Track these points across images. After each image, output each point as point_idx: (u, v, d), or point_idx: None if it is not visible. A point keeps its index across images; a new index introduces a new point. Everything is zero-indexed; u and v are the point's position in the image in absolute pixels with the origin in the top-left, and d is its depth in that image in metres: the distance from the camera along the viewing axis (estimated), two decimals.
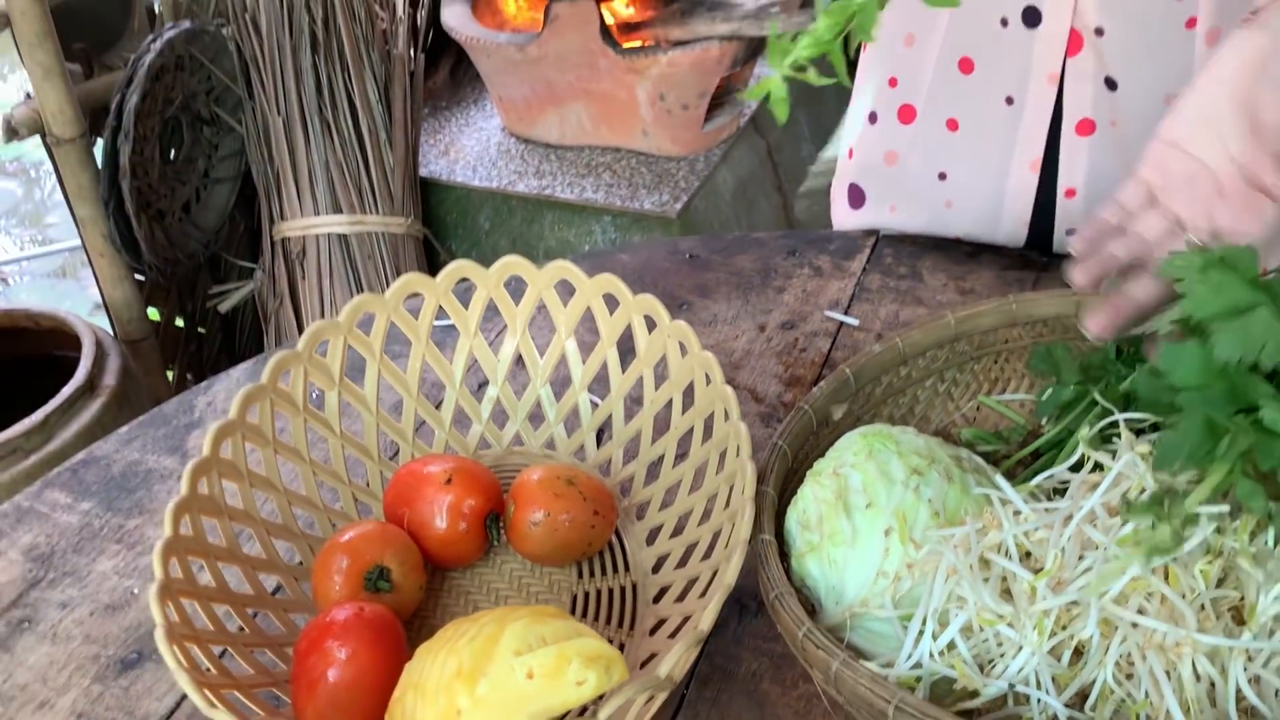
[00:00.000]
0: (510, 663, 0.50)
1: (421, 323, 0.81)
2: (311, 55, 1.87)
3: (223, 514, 0.67)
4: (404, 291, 0.79)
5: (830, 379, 0.71)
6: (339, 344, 0.77)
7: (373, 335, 0.79)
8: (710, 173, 2.10)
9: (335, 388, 0.78)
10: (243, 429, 0.70)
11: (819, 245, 1.06)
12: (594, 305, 0.80)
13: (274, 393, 0.73)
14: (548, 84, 2.06)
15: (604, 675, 0.51)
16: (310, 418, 0.76)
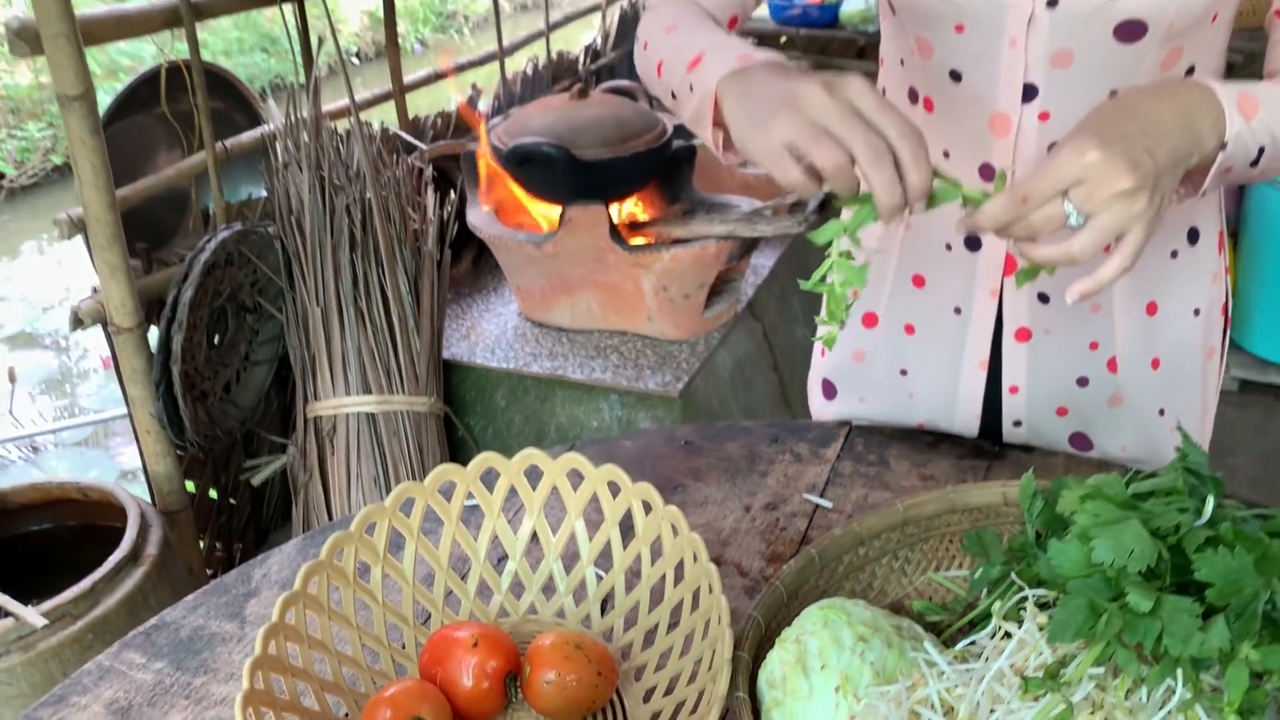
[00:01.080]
0: None
1: (453, 505, 0.95)
2: (349, 252, 2.07)
3: (286, 671, 0.80)
4: (439, 479, 0.93)
5: (799, 558, 0.84)
6: (384, 525, 0.91)
7: (412, 517, 0.93)
8: (710, 355, 2.28)
9: (379, 563, 0.91)
10: (304, 599, 0.84)
11: (799, 434, 1.21)
12: (599, 490, 0.94)
13: (330, 568, 0.87)
14: (561, 276, 2.26)
15: None
16: (359, 589, 0.89)
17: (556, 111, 2.22)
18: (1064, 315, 1.06)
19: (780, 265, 2.66)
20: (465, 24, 10.01)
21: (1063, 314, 1.06)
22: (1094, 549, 0.65)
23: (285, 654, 0.81)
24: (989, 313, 1.08)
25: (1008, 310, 1.07)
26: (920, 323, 1.13)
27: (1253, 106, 0.81)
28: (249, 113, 2.38)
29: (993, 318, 1.08)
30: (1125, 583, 0.64)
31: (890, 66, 1.06)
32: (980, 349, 1.10)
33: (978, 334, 1.10)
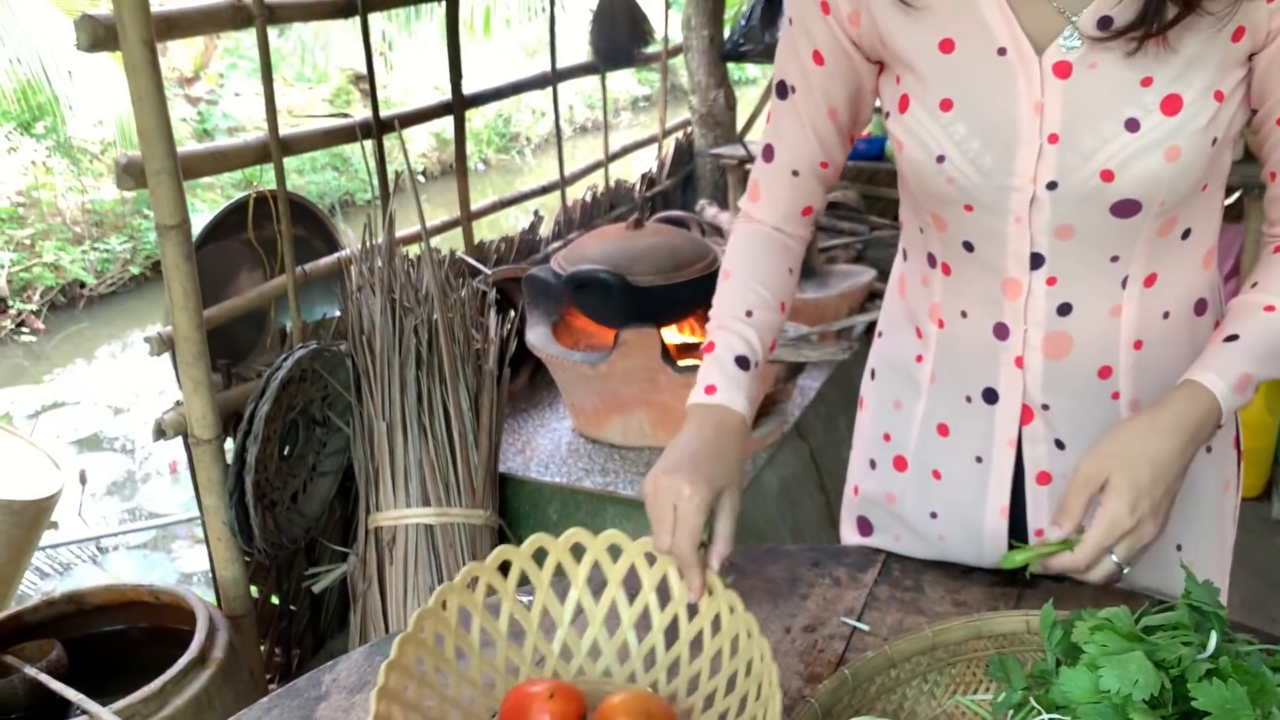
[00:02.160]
0: None
1: (544, 573, 1.07)
2: (415, 370, 2.19)
3: (402, 704, 0.92)
4: (533, 546, 1.05)
5: (833, 678, 0.90)
6: (482, 584, 1.03)
7: (509, 580, 1.05)
8: (757, 475, 2.34)
9: (477, 613, 1.03)
10: (417, 641, 0.96)
11: (838, 558, 1.27)
12: (669, 571, 1.05)
13: (438, 616, 0.98)
14: (614, 394, 2.35)
15: None
16: (459, 638, 1.02)
17: (614, 240, 2.35)
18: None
19: (827, 387, 2.73)
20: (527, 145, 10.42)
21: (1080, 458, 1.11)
22: (1101, 677, 0.70)
23: (400, 689, 0.93)
24: (1008, 462, 1.14)
25: (1028, 457, 1.13)
26: (946, 469, 1.19)
27: (1245, 380, 0.97)
28: (327, 238, 2.54)
29: (1011, 467, 1.14)
30: (1131, 710, 0.69)
31: (910, 232, 1.16)
32: (1000, 496, 1.16)
33: (998, 482, 1.15)
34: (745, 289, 1.14)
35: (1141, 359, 1.06)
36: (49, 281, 6.80)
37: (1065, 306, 1.04)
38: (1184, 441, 0.95)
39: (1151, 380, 1.06)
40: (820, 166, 1.15)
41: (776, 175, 1.16)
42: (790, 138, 1.13)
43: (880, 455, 1.23)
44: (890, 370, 1.23)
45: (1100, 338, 1.05)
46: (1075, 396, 1.08)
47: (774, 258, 1.16)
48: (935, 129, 0.99)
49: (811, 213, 1.18)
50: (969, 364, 1.12)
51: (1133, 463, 0.94)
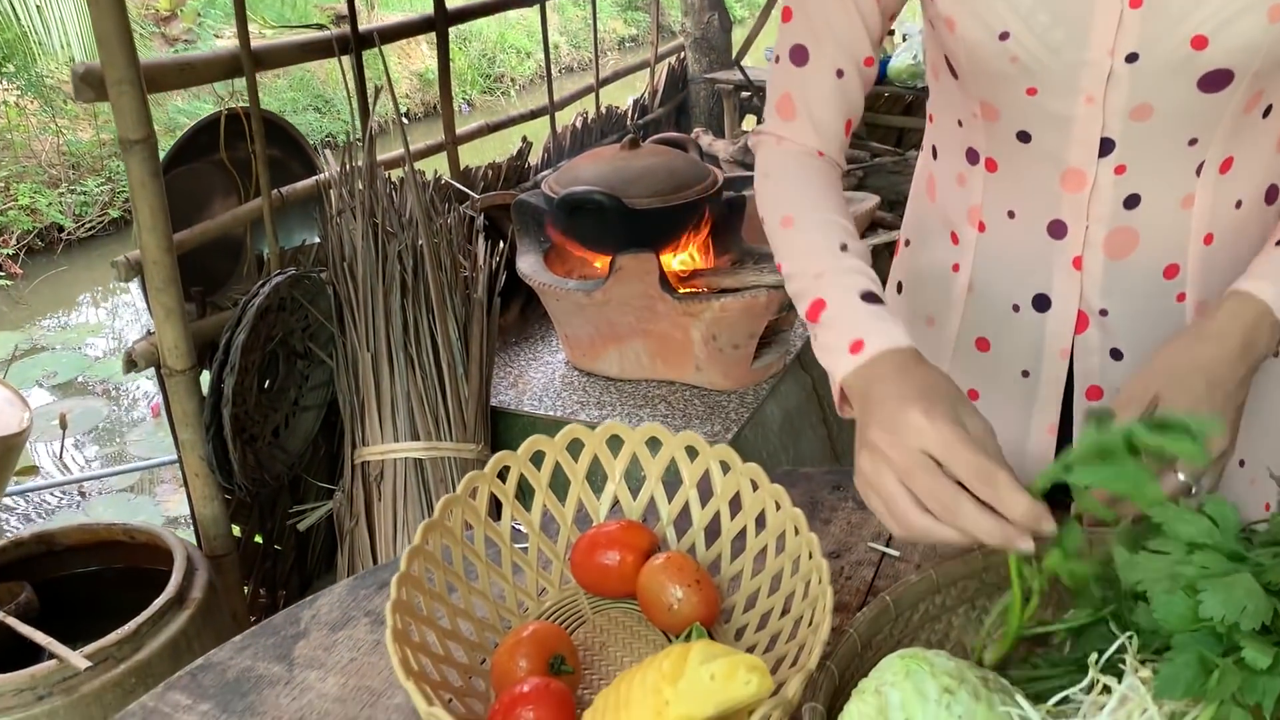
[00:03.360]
0: (698, 669, 0.67)
1: (580, 465, 1.01)
2: (400, 299, 2.07)
3: (415, 616, 0.84)
4: (568, 438, 0.98)
5: (872, 605, 0.80)
6: (514, 473, 0.97)
7: (542, 471, 0.98)
8: (759, 405, 2.24)
9: (508, 505, 0.97)
10: (442, 529, 0.90)
11: None
12: (711, 467, 0.97)
13: (466, 504, 0.93)
14: (610, 324, 2.24)
15: (764, 679, 0.68)
16: (488, 529, 0.96)
17: (608, 162, 2.23)
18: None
19: None
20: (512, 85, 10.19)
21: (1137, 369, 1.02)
22: (1203, 603, 0.61)
23: (424, 578, 0.87)
24: (1059, 374, 1.04)
25: (1079, 369, 1.03)
26: (986, 387, 1.09)
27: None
28: (305, 161, 2.41)
29: (1063, 379, 1.04)
30: (1239, 638, 0.60)
31: (944, 126, 1.04)
32: (1050, 412, 1.06)
33: (1048, 396, 1.05)
34: (823, 226, 0.92)
35: (1211, 255, 0.95)
36: (25, 225, 6.62)
37: (1133, 198, 0.93)
38: (1236, 349, 0.85)
39: (1219, 279, 0.95)
40: (865, 64, 0.98)
41: (816, 79, 0.97)
42: (829, 26, 0.95)
43: None
44: (920, 283, 1.12)
45: (1169, 232, 0.94)
46: (1137, 299, 0.98)
47: (829, 184, 0.97)
48: (997, 2, 0.87)
49: (851, 128, 1.02)
50: (1016, 269, 1.01)
51: (1183, 374, 0.84)
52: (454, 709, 0.83)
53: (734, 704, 0.66)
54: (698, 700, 0.65)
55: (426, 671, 0.82)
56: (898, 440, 0.76)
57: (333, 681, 0.93)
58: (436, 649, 0.86)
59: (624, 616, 0.97)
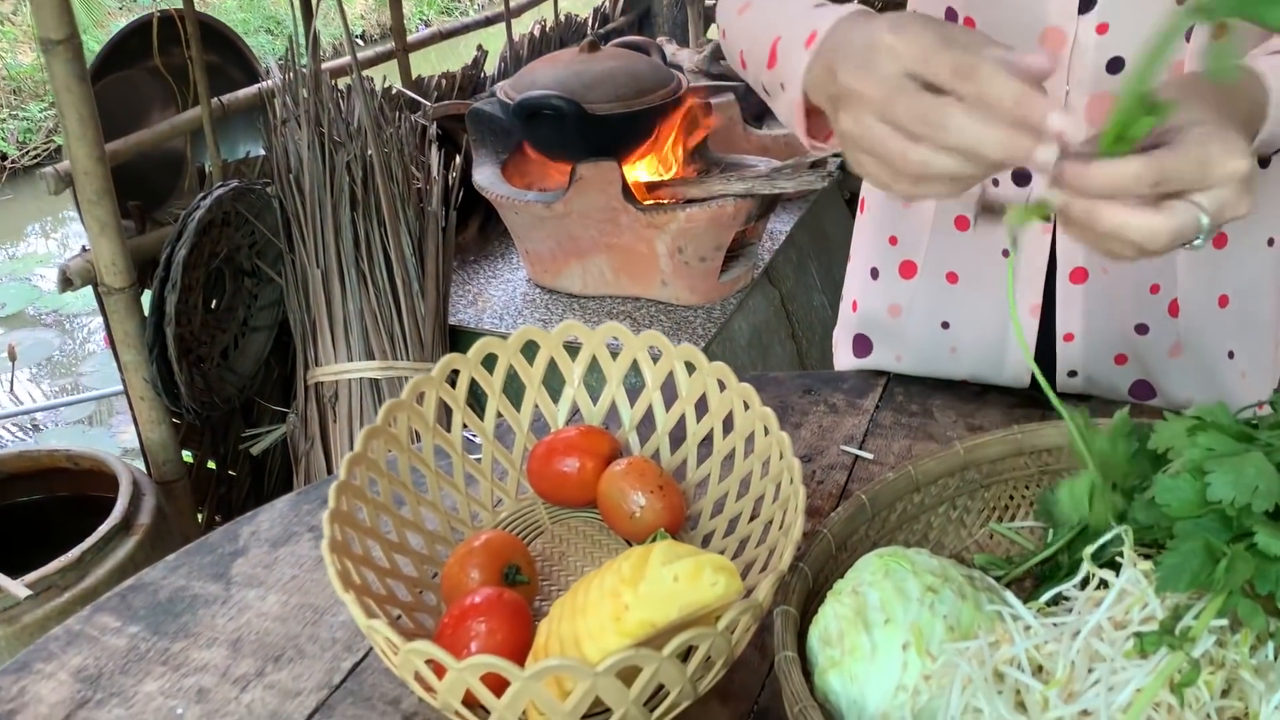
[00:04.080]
0: (661, 571, 0.62)
1: (535, 370, 0.94)
2: (350, 212, 1.98)
3: (358, 527, 0.78)
4: (522, 340, 0.91)
5: (848, 505, 0.74)
6: (465, 374, 0.90)
7: (495, 376, 0.92)
8: (726, 320, 2.18)
9: (458, 411, 0.88)
10: (385, 435, 0.82)
11: (833, 384, 1.11)
12: (676, 367, 0.92)
13: (411, 409, 0.85)
14: (572, 238, 2.16)
15: (732, 579, 0.62)
16: (438, 436, 0.89)
17: (566, 65, 2.12)
18: None
19: (798, 230, 2.56)
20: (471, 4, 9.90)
21: None
22: (1210, 485, 0.55)
23: (367, 487, 0.80)
24: (1041, 252, 0.98)
25: (1062, 249, 0.98)
26: (964, 268, 1.03)
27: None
28: (246, 69, 2.29)
29: (1045, 258, 0.99)
30: (1250, 522, 0.54)
31: None
32: (1032, 293, 1.01)
33: (1029, 276, 1.00)
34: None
35: None
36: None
37: (1116, 62, 0.86)
38: (1245, 109, 0.70)
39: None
40: None
41: None
42: None
43: (884, 262, 1.07)
44: None
45: None
46: None
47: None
48: None
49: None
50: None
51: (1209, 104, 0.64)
52: (402, 625, 0.77)
53: (700, 607, 0.60)
54: (660, 604, 0.59)
55: (370, 586, 0.76)
56: (870, 73, 0.61)
57: (273, 600, 0.87)
58: (382, 563, 0.80)
59: (585, 525, 0.91)
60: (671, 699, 0.64)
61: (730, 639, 0.64)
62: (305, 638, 0.83)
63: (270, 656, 0.81)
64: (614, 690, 0.60)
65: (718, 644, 0.63)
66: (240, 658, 0.81)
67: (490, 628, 0.70)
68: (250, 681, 0.79)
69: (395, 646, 0.63)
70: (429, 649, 0.60)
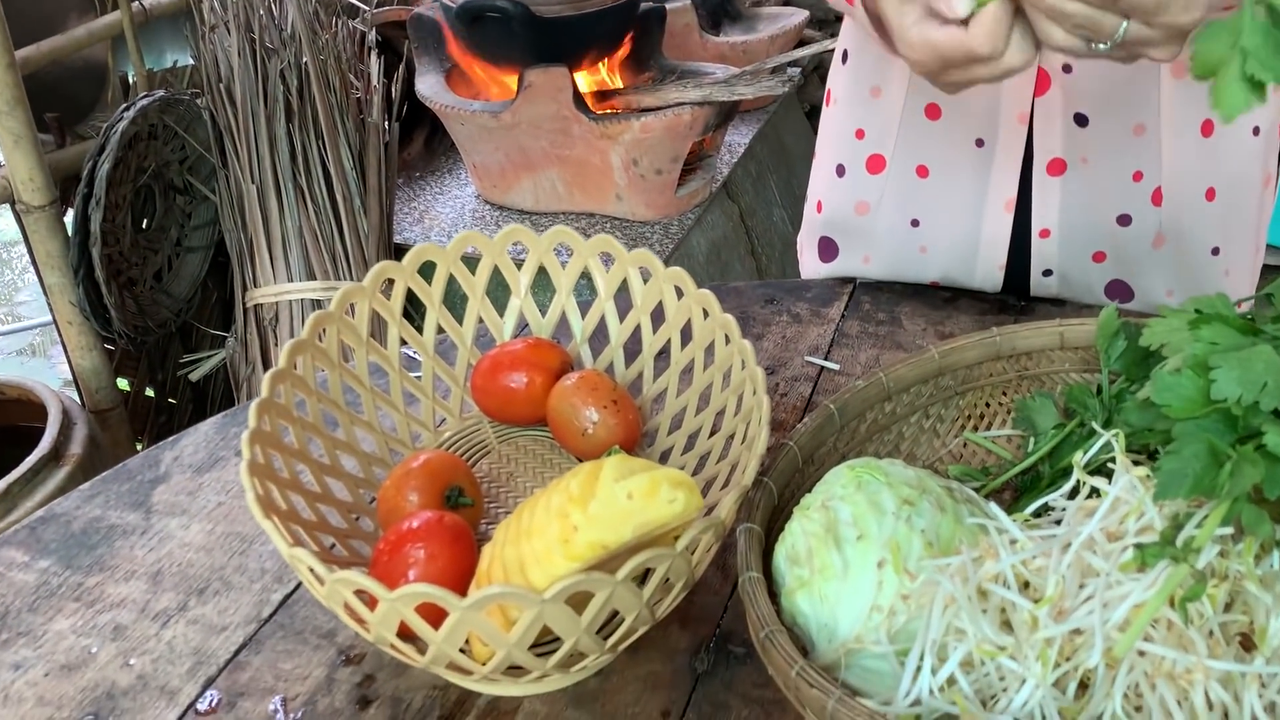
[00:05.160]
0: (613, 488, 0.56)
1: (478, 279, 0.87)
2: (286, 124, 1.87)
3: (283, 449, 0.71)
4: (463, 245, 0.84)
5: (815, 415, 0.69)
6: (400, 283, 0.83)
7: (433, 286, 0.85)
8: (684, 236, 2.11)
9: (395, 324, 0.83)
10: (313, 349, 0.75)
11: (796, 293, 1.06)
12: (630, 275, 0.84)
13: (341, 322, 0.79)
14: (521, 151, 2.07)
15: (690, 495, 0.57)
16: (372, 350, 0.82)
17: None
18: (1104, 140, 0.90)
19: (757, 142, 2.48)
20: None
21: (1103, 139, 0.90)
22: (1215, 381, 0.50)
23: (294, 407, 0.73)
24: (1017, 143, 0.93)
25: (1038, 138, 0.92)
26: (935, 162, 0.98)
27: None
28: None
29: (1021, 149, 0.93)
30: (1258, 422, 0.50)
31: None
32: (1007, 186, 0.95)
33: (1004, 168, 0.94)
34: None
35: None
36: None
37: None
38: None
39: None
40: None
41: None
42: None
43: (851, 157, 1.00)
44: (867, 50, 0.98)
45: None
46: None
47: None
48: None
49: None
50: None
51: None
52: (335, 554, 0.71)
53: (656, 526, 0.55)
54: (612, 524, 0.54)
55: (299, 512, 0.70)
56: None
57: (197, 529, 0.80)
58: (312, 487, 0.73)
59: (534, 444, 0.85)
60: (627, 625, 0.59)
61: (690, 560, 0.59)
62: (232, 568, 0.76)
63: (194, 589, 0.75)
64: (563, 618, 0.55)
65: (677, 565, 0.58)
66: (161, 591, 0.74)
67: (429, 553, 0.65)
68: (172, 616, 0.72)
69: (321, 578, 0.57)
70: (357, 579, 0.55)
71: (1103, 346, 0.65)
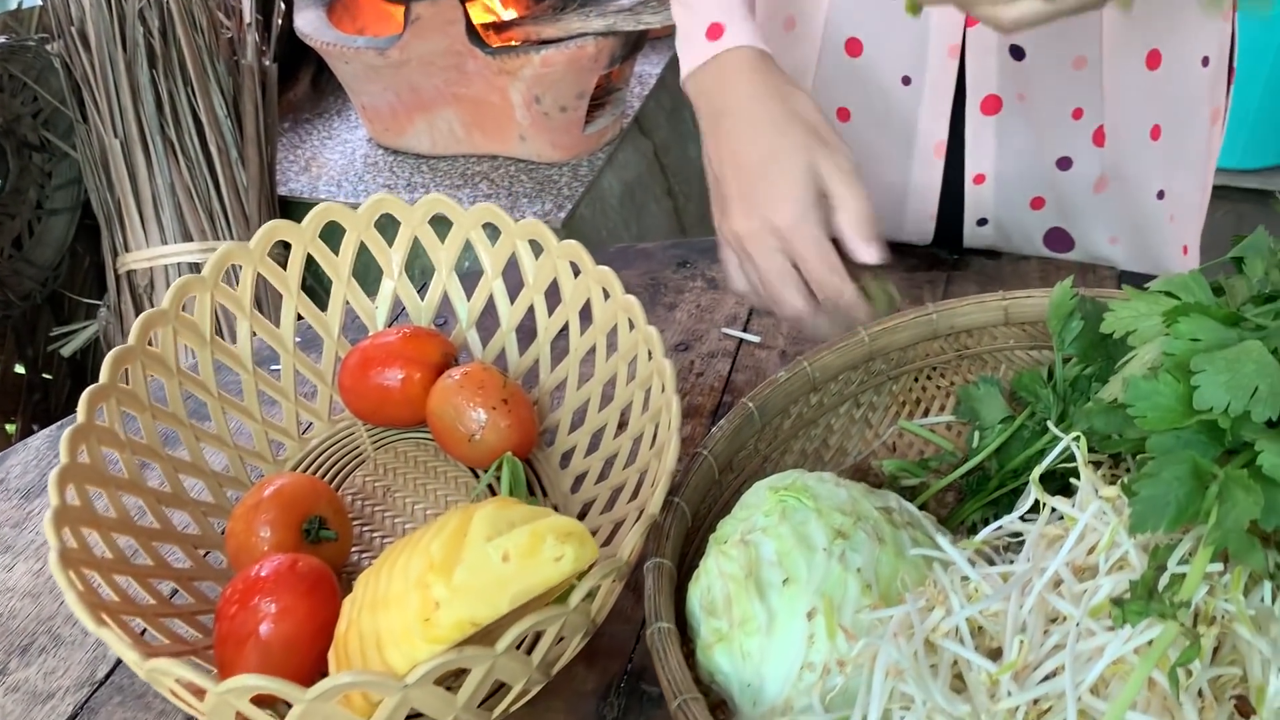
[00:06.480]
0: (484, 549, 0.47)
1: (342, 257, 0.78)
2: (149, 70, 1.69)
3: (108, 483, 0.59)
4: (320, 220, 0.76)
5: (731, 415, 0.60)
6: (250, 270, 0.74)
7: (289, 268, 0.75)
8: (595, 178, 1.99)
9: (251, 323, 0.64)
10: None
11: (710, 254, 0.96)
12: (520, 250, 0.74)
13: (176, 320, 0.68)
14: (413, 90, 1.92)
15: (580, 549, 0.48)
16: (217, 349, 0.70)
17: None
18: (1042, 74, 0.82)
19: (669, 72, 2.35)
20: None
21: (1041, 73, 0.81)
22: (1199, 388, 0.42)
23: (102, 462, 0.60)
24: (948, 80, 0.83)
25: (971, 74, 0.83)
26: (858, 103, 0.88)
27: None
28: None
29: (952, 87, 0.84)
30: (1248, 435, 0.41)
31: None
32: (938, 128, 0.86)
33: (934, 108, 0.85)
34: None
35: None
36: None
37: None
38: None
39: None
40: None
41: None
42: None
43: None
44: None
45: None
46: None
47: None
48: None
49: None
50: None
51: None
52: (176, 602, 0.61)
53: (539, 590, 0.45)
54: (484, 595, 0.44)
55: (128, 558, 0.59)
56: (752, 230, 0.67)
57: (22, 570, 0.69)
58: (148, 522, 0.62)
59: (416, 450, 0.75)
60: (515, 693, 0.50)
61: (590, 611, 0.50)
62: (62, 619, 0.65)
63: (15, 647, 0.64)
64: (434, 700, 0.45)
65: (573, 620, 0.48)
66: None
67: (282, 607, 0.54)
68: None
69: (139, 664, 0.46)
70: (174, 669, 0.44)
71: (1056, 329, 0.57)
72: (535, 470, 0.72)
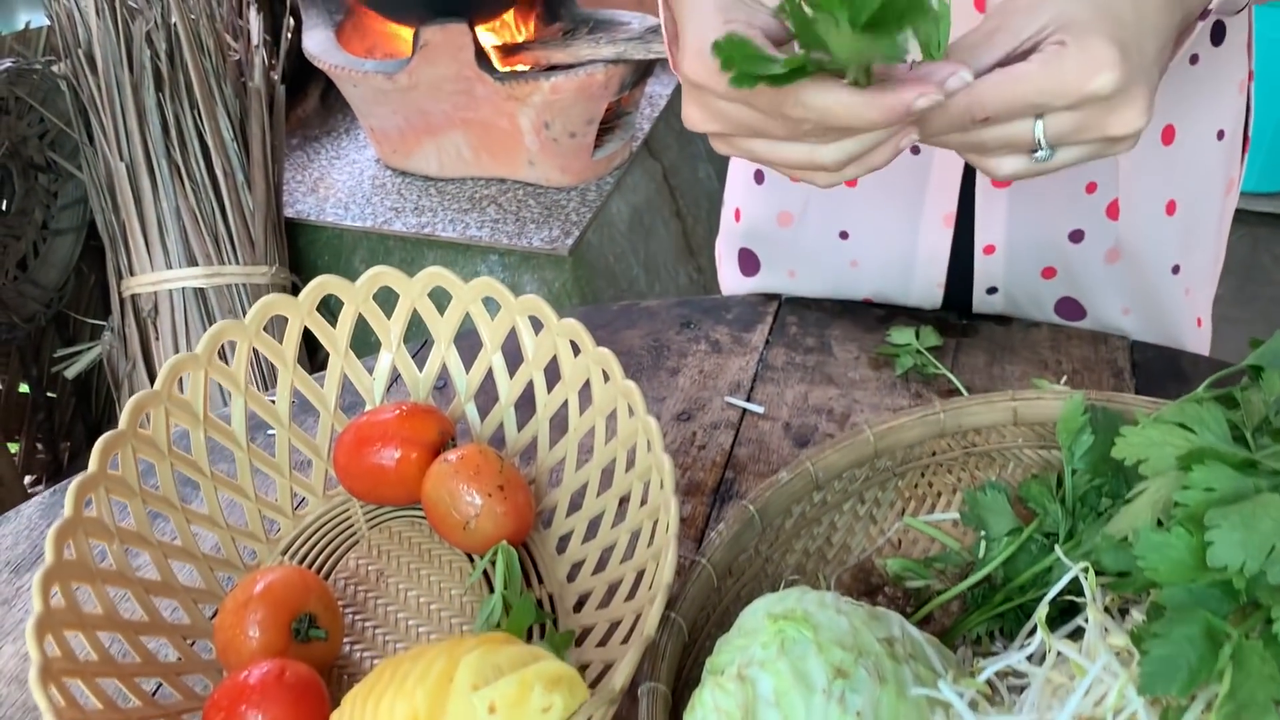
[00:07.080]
0: (470, 700, 0.45)
1: (340, 330, 0.74)
2: (155, 93, 1.69)
3: (95, 578, 0.59)
4: (318, 294, 0.71)
5: (731, 520, 0.59)
6: (244, 346, 0.70)
7: (285, 343, 0.72)
8: (603, 203, 1.98)
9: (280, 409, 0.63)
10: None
11: (715, 314, 0.95)
12: (519, 324, 0.73)
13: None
14: (422, 113, 1.91)
15: (568, 697, 0.47)
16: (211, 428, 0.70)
17: None
18: None
19: (679, 95, 2.33)
20: None
21: None
22: (1213, 544, 0.41)
23: (90, 556, 0.59)
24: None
25: None
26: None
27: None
28: None
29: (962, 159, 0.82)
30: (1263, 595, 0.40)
31: None
32: (946, 199, 0.84)
33: (943, 179, 0.83)
34: None
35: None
36: None
37: None
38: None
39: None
40: None
41: None
42: None
43: None
44: None
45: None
46: None
47: None
48: None
49: None
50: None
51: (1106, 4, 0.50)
52: (161, 698, 0.60)
53: None
54: None
55: (114, 657, 0.58)
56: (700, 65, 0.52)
57: (10, 653, 0.68)
58: (136, 615, 0.61)
59: (411, 530, 0.74)
60: None
61: None
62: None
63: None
64: None
65: None
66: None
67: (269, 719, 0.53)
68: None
69: None
70: None
71: (1066, 443, 0.55)
72: (531, 554, 0.70)
